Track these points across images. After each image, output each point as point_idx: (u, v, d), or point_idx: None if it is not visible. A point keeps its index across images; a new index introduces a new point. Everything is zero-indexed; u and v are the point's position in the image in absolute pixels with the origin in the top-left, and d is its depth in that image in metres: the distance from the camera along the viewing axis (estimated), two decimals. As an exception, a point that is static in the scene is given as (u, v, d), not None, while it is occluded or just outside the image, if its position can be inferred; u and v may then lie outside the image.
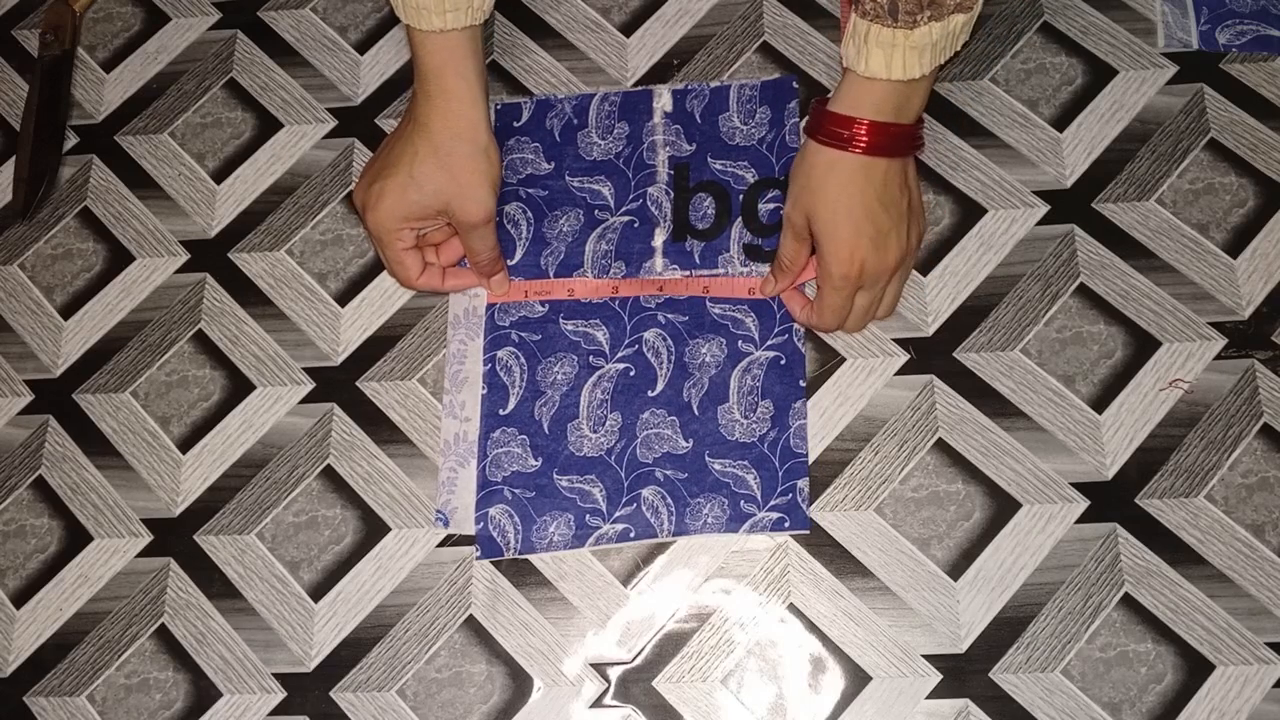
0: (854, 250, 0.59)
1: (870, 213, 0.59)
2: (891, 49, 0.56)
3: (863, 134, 0.58)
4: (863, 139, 0.58)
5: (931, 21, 0.55)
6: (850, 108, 0.59)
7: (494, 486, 0.64)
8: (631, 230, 0.68)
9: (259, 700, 0.62)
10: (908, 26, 0.55)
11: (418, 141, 0.62)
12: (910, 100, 0.59)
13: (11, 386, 0.70)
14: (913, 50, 0.56)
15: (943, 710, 0.59)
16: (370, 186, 0.64)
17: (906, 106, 0.59)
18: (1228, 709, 0.58)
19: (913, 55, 0.56)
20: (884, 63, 0.57)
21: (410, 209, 0.63)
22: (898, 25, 0.55)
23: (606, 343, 0.66)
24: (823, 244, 0.60)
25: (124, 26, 0.78)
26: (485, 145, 0.63)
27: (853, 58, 0.58)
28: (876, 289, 0.62)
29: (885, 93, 0.58)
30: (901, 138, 0.59)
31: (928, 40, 0.56)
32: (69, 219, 0.73)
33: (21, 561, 0.66)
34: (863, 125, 0.58)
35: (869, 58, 0.57)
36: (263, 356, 0.69)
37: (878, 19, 0.56)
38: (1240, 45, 0.69)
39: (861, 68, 0.57)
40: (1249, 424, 0.62)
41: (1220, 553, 0.60)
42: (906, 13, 0.55)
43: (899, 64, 0.57)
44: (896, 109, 0.59)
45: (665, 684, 0.61)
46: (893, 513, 0.62)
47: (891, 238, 0.60)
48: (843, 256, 0.59)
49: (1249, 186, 0.66)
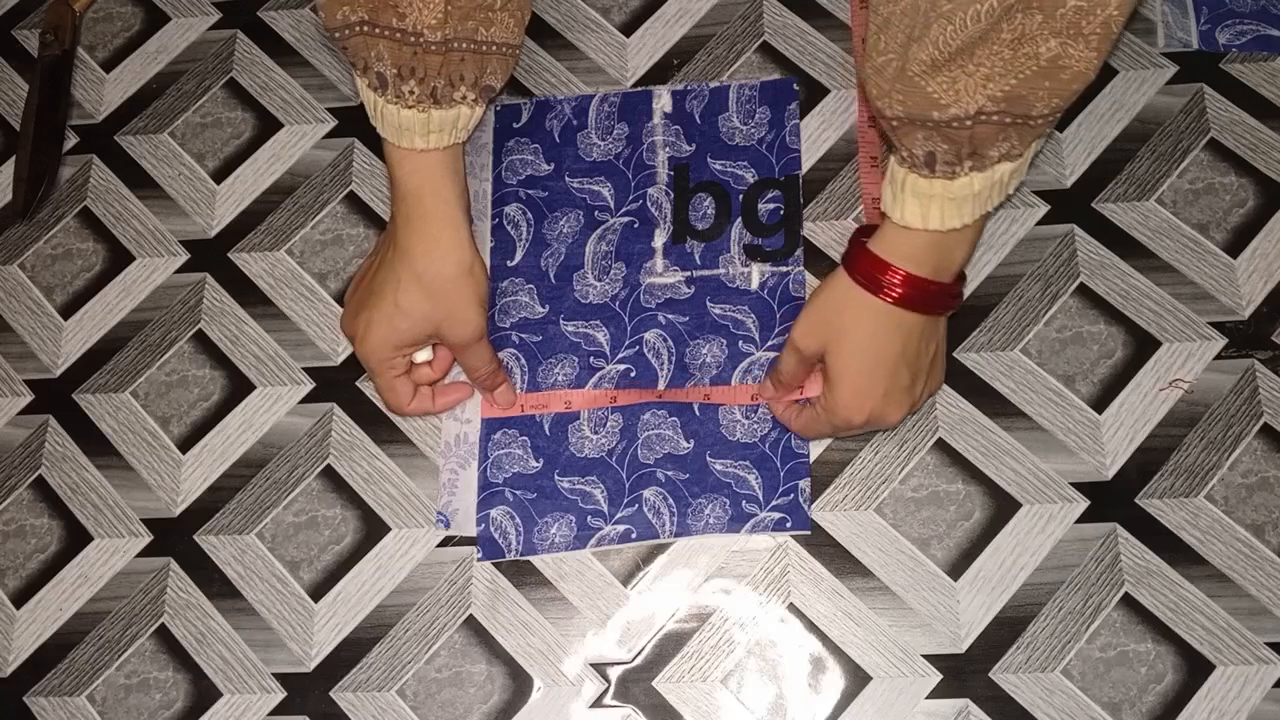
0: (864, 401, 0.57)
1: (892, 368, 0.56)
2: (929, 200, 0.52)
3: (897, 284, 0.55)
4: (895, 289, 0.55)
5: (974, 172, 0.51)
6: (889, 253, 0.55)
7: (495, 488, 0.64)
8: (631, 231, 0.68)
9: (259, 700, 0.62)
10: (947, 177, 0.51)
11: (399, 269, 0.60)
12: (953, 251, 0.55)
13: (11, 386, 0.70)
14: (951, 202, 0.52)
15: (943, 710, 0.59)
16: (358, 316, 0.62)
17: (948, 258, 0.55)
18: (1228, 709, 0.58)
19: (951, 207, 0.52)
20: (920, 213, 0.53)
21: (401, 338, 0.61)
22: (935, 176, 0.51)
23: (607, 344, 0.66)
24: (836, 385, 0.57)
25: (124, 26, 0.78)
26: (469, 265, 0.60)
27: (889, 203, 0.54)
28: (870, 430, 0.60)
29: (924, 243, 0.54)
30: (938, 295, 0.56)
31: (969, 191, 0.52)
32: (69, 219, 0.73)
33: (21, 561, 0.66)
34: (898, 274, 0.54)
35: (905, 206, 0.53)
36: (263, 356, 0.69)
37: (914, 168, 0.52)
38: (1240, 45, 0.69)
39: (897, 215, 0.54)
40: (1249, 424, 0.62)
41: (1220, 553, 0.60)
42: (945, 163, 0.51)
43: (936, 215, 0.53)
44: (937, 260, 0.55)
45: (665, 684, 0.61)
46: (893, 513, 0.62)
47: (904, 394, 0.57)
48: (852, 405, 0.57)
49: (1249, 186, 0.66)
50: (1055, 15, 0.45)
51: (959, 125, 0.49)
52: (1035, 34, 0.46)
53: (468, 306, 0.61)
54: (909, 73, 0.48)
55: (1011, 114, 0.49)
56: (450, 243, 0.60)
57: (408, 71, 0.56)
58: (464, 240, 0.60)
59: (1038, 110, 0.49)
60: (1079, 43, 0.46)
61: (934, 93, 0.48)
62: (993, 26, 0.46)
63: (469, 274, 0.61)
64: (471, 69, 0.57)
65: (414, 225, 0.60)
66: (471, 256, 0.61)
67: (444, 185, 0.60)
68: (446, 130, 0.58)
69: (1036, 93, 0.48)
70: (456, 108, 0.58)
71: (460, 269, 0.60)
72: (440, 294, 0.60)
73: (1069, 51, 0.47)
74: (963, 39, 0.46)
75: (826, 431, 0.61)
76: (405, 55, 0.56)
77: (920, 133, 0.50)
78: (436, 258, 0.60)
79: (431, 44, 0.55)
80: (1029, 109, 0.49)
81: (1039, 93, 0.48)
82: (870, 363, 0.56)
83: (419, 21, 0.54)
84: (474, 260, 0.61)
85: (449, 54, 0.56)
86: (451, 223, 0.60)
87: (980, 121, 0.49)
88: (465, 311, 0.61)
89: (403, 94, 0.57)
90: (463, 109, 0.58)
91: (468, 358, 0.63)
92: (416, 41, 0.55)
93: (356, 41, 0.56)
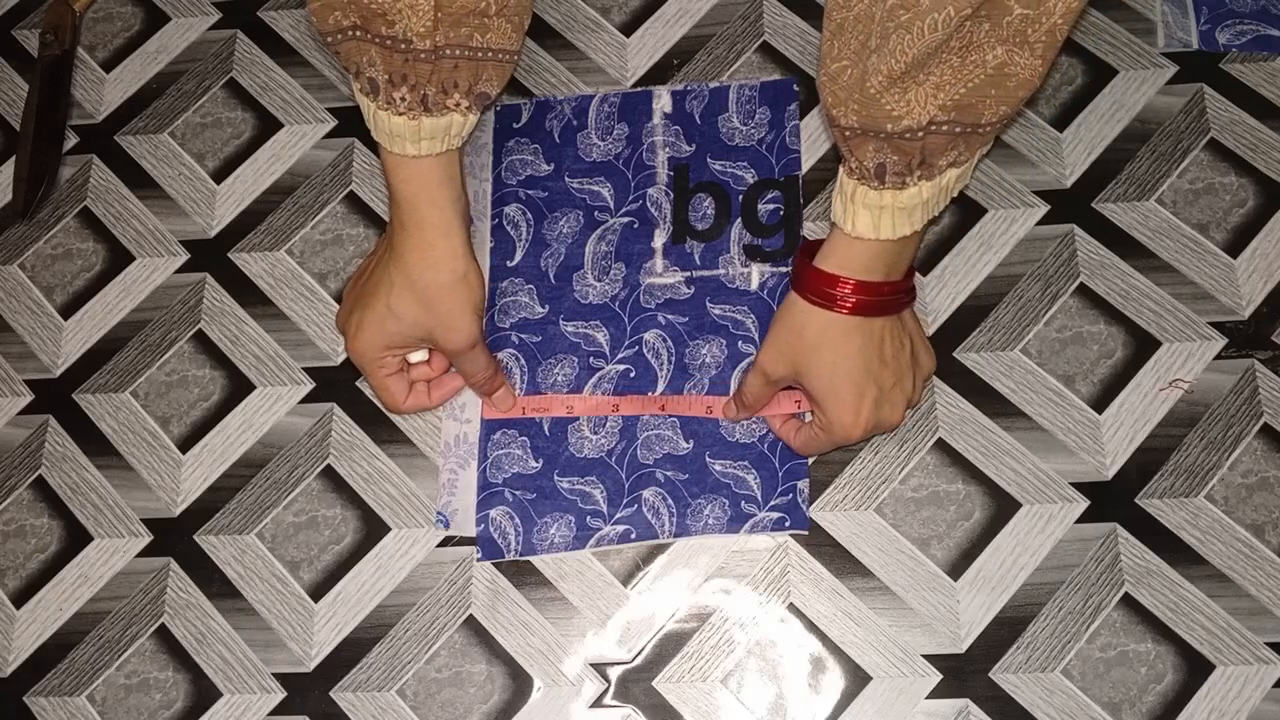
0: (859, 413, 0.57)
1: (872, 373, 0.56)
2: (879, 210, 0.53)
3: (849, 293, 0.55)
4: (849, 300, 0.55)
5: (922, 181, 0.52)
6: (838, 266, 0.55)
7: (495, 488, 0.64)
8: (631, 231, 0.68)
9: (259, 700, 0.62)
10: (896, 188, 0.52)
11: (393, 273, 0.60)
12: (901, 255, 0.56)
13: (11, 386, 0.70)
14: (901, 211, 0.53)
15: (943, 710, 0.59)
16: (350, 315, 0.62)
17: (897, 263, 0.56)
18: (1228, 709, 0.58)
19: (902, 215, 0.53)
20: (872, 223, 0.53)
21: (391, 339, 0.61)
22: (885, 187, 0.52)
23: (607, 344, 0.66)
24: (825, 408, 0.57)
25: (124, 26, 0.78)
26: (464, 272, 0.60)
27: (839, 215, 0.54)
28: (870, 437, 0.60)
29: (875, 252, 0.54)
30: (892, 296, 0.56)
31: (918, 200, 0.52)
32: (69, 219, 0.73)
33: (21, 561, 0.66)
34: (848, 284, 0.55)
35: (856, 218, 0.53)
36: (263, 356, 0.69)
37: (863, 180, 0.52)
38: (1240, 45, 0.69)
39: (849, 227, 0.54)
40: (1249, 424, 0.62)
41: (1220, 553, 0.60)
42: (894, 174, 0.51)
43: (888, 224, 0.53)
44: (887, 266, 0.55)
45: (665, 684, 0.61)
46: (893, 513, 0.62)
47: (896, 392, 0.58)
48: (848, 421, 0.57)
49: (1249, 186, 0.66)
50: (1002, 23, 0.46)
51: (911, 136, 0.49)
52: (982, 42, 0.47)
53: (461, 314, 0.60)
54: (868, 85, 0.48)
55: (961, 123, 0.49)
56: (444, 250, 0.60)
57: (399, 78, 0.56)
58: (458, 247, 0.60)
59: (986, 118, 0.49)
60: (1024, 50, 0.47)
61: (887, 105, 0.49)
62: (949, 35, 0.46)
63: (463, 282, 0.60)
64: (465, 76, 0.57)
65: (409, 231, 0.60)
66: (466, 264, 0.60)
67: (439, 192, 0.59)
68: (439, 137, 0.58)
69: (984, 101, 0.48)
70: (449, 115, 0.58)
71: (454, 276, 0.60)
72: (433, 301, 0.60)
73: (1015, 59, 0.47)
74: (919, 49, 0.46)
75: (829, 449, 0.61)
76: (396, 62, 0.55)
77: (872, 144, 0.51)
78: (430, 265, 0.59)
79: (421, 51, 0.55)
80: (978, 117, 0.49)
81: (986, 101, 0.48)
82: (847, 377, 0.56)
83: (408, 29, 0.54)
84: (468, 268, 0.60)
85: (440, 61, 0.55)
86: (446, 230, 0.60)
87: (931, 132, 0.49)
88: (458, 319, 0.60)
89: (394, 100, 0.56)
90: (455, 116, 0.58)
91: (463, 364, 0.63)
92: (407, 49, 0.55)
93: (349, 47, 0.55)
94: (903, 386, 0.58)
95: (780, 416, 0.62)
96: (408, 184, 0.59)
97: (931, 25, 0.46)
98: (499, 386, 0.65)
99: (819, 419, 0.59)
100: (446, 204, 0.60)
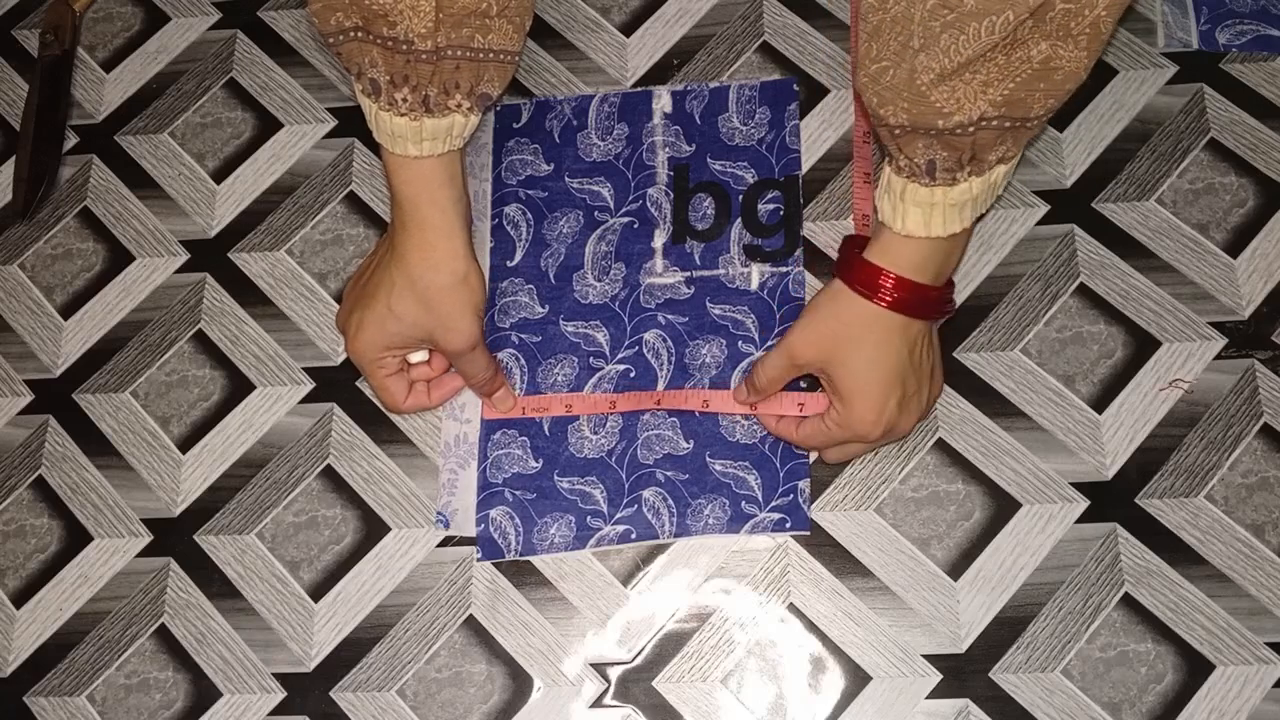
0: (882, 412, 0.57)
1: (902, 375, 0.57)
2: (930, 207, 0.53)
3: (894, 289, 0.55)
4: (892, 294, 0.55)
5: (973, 177, 0.52)
6: (890, 263, 0.55)
7: (495, 488, 0.64)
8: (631, 231, 0.68)
9: (259, 700, 0.62)
10: (947, 184, 0.52)
11: (394, 273, 0.60)
12: (950, 255, 0.56)
13: (11, 386, 0.70)
14: (953, 207, 0.53)
15: (943, 710, 0.59)
16: (351, 315, 0.62)
17: (947, 263, 0.56)
18: (1228, 709, 0.58)
19: (953, 212, 0.53)
20: (922, 221, 0.53)
21: (390, 340, 0.61)
22: (936, 184, 0.52)
23: (607, 344, 0.66)
24: (851, 400, 0.57)
25: (124, 26, 0.78)
26: (464, 274, 0.60)
27: (888, 214, 0.54)
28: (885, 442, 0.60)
29: (925, 251, 0.55)
30: (936, 300, 0.56)
31: (968, 196, 0.52)
32: (69, 219, 0.73)
33: (21, 561, 0.66)
34: (894, 280, 0.55)
35: (906, 216, 0.53)
36: (263, 356, 0.69)
37: (913, 177, 0.52)
38: (1240, 45, 0.69)
39: (898, 225, 0.54)
40: (1249, 424, 0.62)
41: (1220, 553, 0.60)
42: (945, 170, 0.51)
43: (939, 221, 0.53)
44: (938, 265, 0.55)
45: (665, 684, 0.61)
46: (893, 513, 0.62)
47: (914, 401, 0.58)
48: (870, 419, 0.57)
49: (1249, 186, 0.66)
50: (1045, 19, 0.46)
51: (961, 132, 0.49)
52: (1026, 38, 0.47)
53: (461, 316, 0.60)
54: (917, 83, 0.49)
55: (1011, 118, 0.49)
56: (445, 252, 0.60)
57: (400, 79, 0.56)
58: (459, 249, 0.60)
59: (1035, 112, 0.49)
60: (1068, 44, 0.47)
61: (937, 101, 0.49)
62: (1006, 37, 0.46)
63: (463, 283, 0.60)
64: (467, 77, 0.57)
65: (410, 232, 0.60)
66: (467, 266, 0.60)
67: (440, 193, 0.59)
68: (440, 138, 0.58)
69: (1033, 95, 0.49)
70: (450, 116, 0.58)
71: (454, 278, 0.60)
72: (434, 302, 0.60)
73: (1059, 53, 0.47)
74: (975, 49, 0.47)
75: (832, 444, 0.60)
76: (398, 63, 0.55)
77: (921, 141, 0.51)
78: (431, 266, 0.59)
79: (423, 52, 0.55)
80: (1027, 111, 0.49)
81: (1035, 95, 0.49)
82: (881, 372, 0.56)
83: (409, 30, 0.54)
84: (469, 269, 0.60)
85: (441, 62, 0.55)
86: (447, 231, 0.60)
87: (981, 127, 0.49)
88: (458, 321, 0.60)
89: (395, 101, 0.56)
90: (457, 117, 0.58)
91: (463, 365, 0.63)
92: (408, 50, 0.55)
93: (351, 48, 0.55)
94: (921, 396, 0.58)
95: (774, 419, 0.62)
96: (409, 185, 0.59)
97: (989, 28, 0.46)
98: (499, 387, 0.65)
99: (837, 414, 0.58)
100: (448, 205, 0.59)
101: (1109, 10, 0.46)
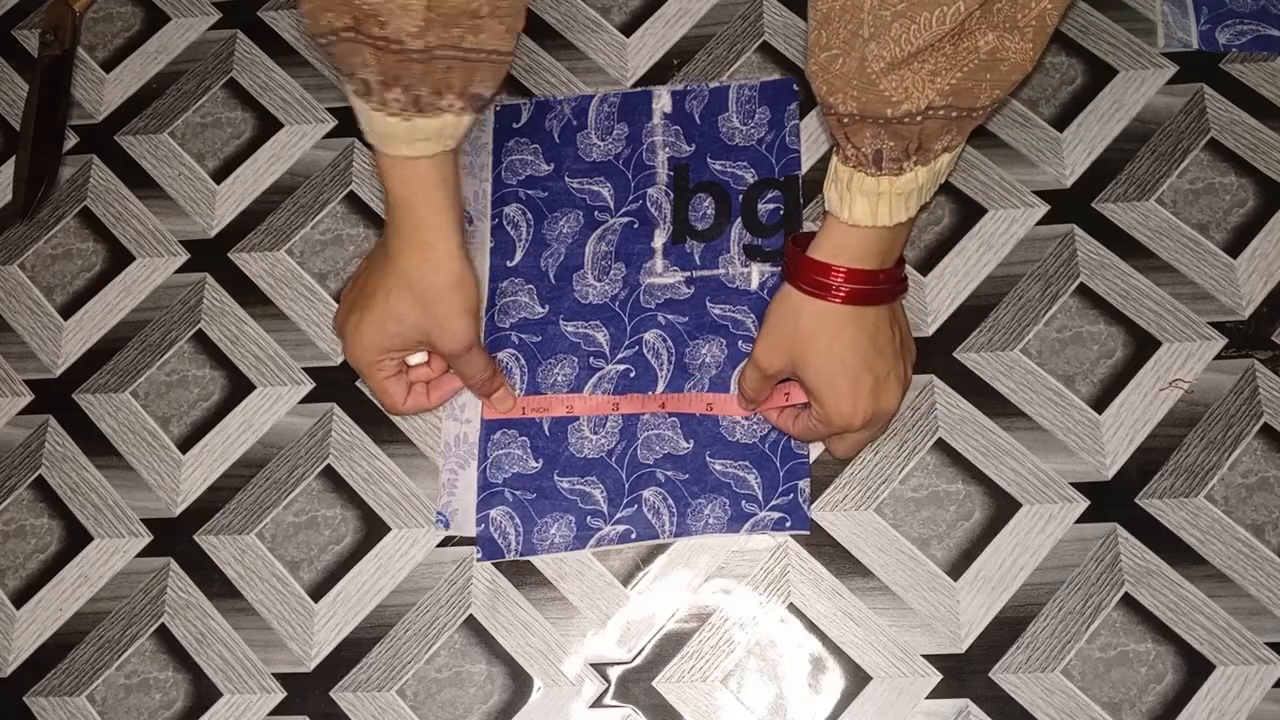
0: (857, 403, 0.57)
1: (867, 362, 0.57)
2: (877, 197, 0.53)
3: (842, 281, 0.55)
4: (843, 288, 0.56)
5: (918, 166, 0.52)
6: (831, 255, 0.56)
7: (495, 488, 0.64)
8: (631, 231, 0.68)
9: (259, 700, 0.62)
10: (893, 173, 0.52)
11: (391, 275, 0.60)
12: (895, 243, 0.56)
13: (11, 386, 0.70)
14: (899, 196, 0.53)
15: (943, 710, 0.59)
16: (349, 317, 0.62)
17: (890, 251, 0.56)
18: (1228, 709, 0.58)
19: (899, 201, 0.54)
20: (869, 210, 0.54)
21: (389, 342, 0.61)
22: (882, 173, 0.52)
23: (607, 344, 0.66)
24: (822, 398, 0.57)
25: (124, 26, 0.78)
26: (460, 275, 0.60)
27: (834, 204, 0.55)
28: (876, 427, 0.60)
29: (869, 240, 0.55)
30: (885, 284, 0.57)
31: (913, 185, 0.53)
32: (69, 219, 0.73)
33: (21, 561, 0.66)
34: (841, 273, 0.55)
35: (853, 205, 0.54)
36: (263, 356, 0.69)
37: (860, 166, 0.53)
38: (1240, 45, 0.69)
39: (845, 215, 0.54)
40: (1249, 424, 0.62)
41: (1220, 553, 0.60)
42: (891, 160, 0.52)
43: (885, 210, 0.54)
44: (881, 255, 0.56)
45: (665, 684, 0.61)
46: (893, 513, 0.62)
47: (891, 380, 0.58)
48: (846, 411, 0.57)
49: (1249, 186, 0.66)
50: (992, 10, 0.47)
51: (909, 121, 0.50)
52: (974, 29, 0.48)
53: (458, 317, 0.60)
54: (867, 71, 0.49)
55: (958, 108, 0.50)
56: (441, 253, 0.59)
57: (392, 79, 0.55)
58: (455, 250, 0.60)
59: (981, 102, 0.50)
60: (1015, 35, 0.48)
61: (886, 90, 0.49)
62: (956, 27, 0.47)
63: (459, 285, 0.60)
64: (458, 77, 0.56)
65: (406, 234, 0.59)
66: (463, 267, 0.60)
67: (435, 194, 0.59)
68: (432, 138, 0.57)
69: (980, 85, 0.50)
70: (442, 116, 0.57)
71: (451, 279, 0.60)
72: (430, 304, 0.60)
73: (1006, 44, 0.48)
74: (925, 38, 0.47)
75: (826, 438, 0.61)
76: (389, 63, 0.55)
77: (869, 130, 0.51)
78: (428, 268, 0.59)
79: (414, 52, 0.54)
80: (974, 101, 0.50)
81: (982, 85, 0.50)
82: (843, 367, 0.57)
83: (400, 29, 0.54)
84: (465, 270, 0.60)
85: (432, 62, 0.55)
86: (443, 233, 0.59)
87: (929, 117, 0.50)
88: (455, 322, 0.60)
89: (386, 101, 0.56)
90: (449, 117, 0.57)
91: (461, 366, 0.63)
92: (399, 50, 0.54)
93: (343, 48, 0.55)
94: (897, 373, 0.59)
95: (776, 408, 0.62)
96: (404, 186, 0.59)
97: (940, 18, 0.46)
98: (497, 388, 0.65)
99: (815, 411, 0.59)
100: (443, 206, 0.59)
101: (1055, 4, 0.47)
